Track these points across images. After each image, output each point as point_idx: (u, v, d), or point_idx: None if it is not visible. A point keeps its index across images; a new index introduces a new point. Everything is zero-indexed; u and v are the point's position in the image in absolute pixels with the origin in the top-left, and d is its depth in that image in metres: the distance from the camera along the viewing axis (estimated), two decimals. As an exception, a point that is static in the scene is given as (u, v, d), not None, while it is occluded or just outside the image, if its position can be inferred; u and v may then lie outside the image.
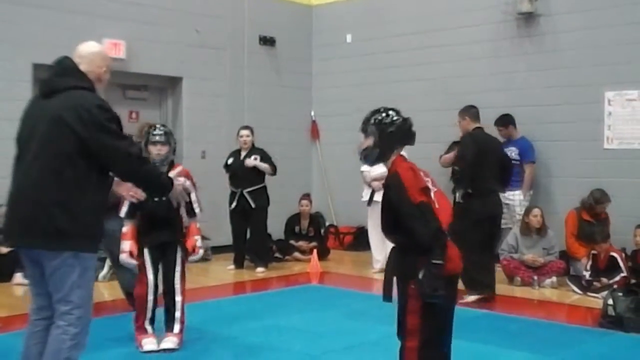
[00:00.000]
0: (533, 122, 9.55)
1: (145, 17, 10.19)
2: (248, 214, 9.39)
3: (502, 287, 8.17)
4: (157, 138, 5.55)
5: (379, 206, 4.06)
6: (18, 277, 8.30)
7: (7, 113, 8.84)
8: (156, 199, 5.31)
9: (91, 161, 3.74)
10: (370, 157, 4.08)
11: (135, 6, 10.07)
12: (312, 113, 12.11)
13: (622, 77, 8.94)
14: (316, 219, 10.83)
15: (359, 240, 11.06)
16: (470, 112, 7.89)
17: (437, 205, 3.74)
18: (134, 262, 5.60)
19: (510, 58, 9.94)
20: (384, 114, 4.08)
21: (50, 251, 3.70)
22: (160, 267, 5.70)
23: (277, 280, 9.08)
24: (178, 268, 5.68)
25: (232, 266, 9.53)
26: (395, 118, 4.07)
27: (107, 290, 8.06)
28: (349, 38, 11.82)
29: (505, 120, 9.39)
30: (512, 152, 9.28)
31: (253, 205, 9.37)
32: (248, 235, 9.66)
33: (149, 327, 5.63)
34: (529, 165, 9.30)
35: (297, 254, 10.35)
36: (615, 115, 9.03)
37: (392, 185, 3.80)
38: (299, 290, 8.37)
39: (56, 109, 3.74)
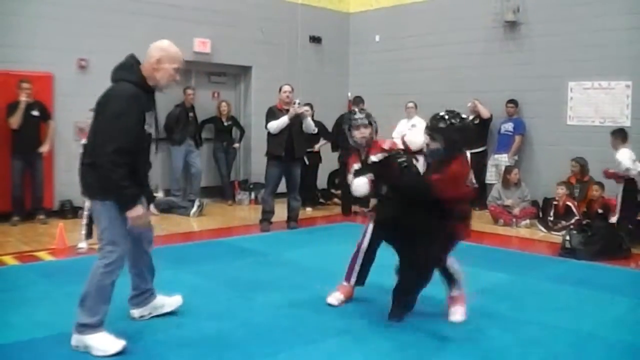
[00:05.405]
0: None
1: (225, 21, 10.33)
2: (303, 169, 9.08)
3: (488, 227, 8.26)
4: (360, 122, 4.36)
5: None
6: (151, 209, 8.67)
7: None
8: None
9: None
10: (436, 155, 3.87)
11: (218, 14, 10.22)
12: (349, 94, 11.85)
13: (581, 72, 8.96)
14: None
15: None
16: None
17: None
18: None
19: (498, 55, 9.93)
20: (449, 121, 3.75)
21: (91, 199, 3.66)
22: None
23: (321, 219, 9.12)
24: None
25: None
26: (460, 125, 3.73)
27: (195, 223, 8.34)
28: (377, 38, 11.77)
29: (515, 102, 9.54)
30: (509, 126, 9.49)
31: (307, 163, 9.23)
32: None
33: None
34: (519, 136, 9.41)
35: (336, 200, 10.40)
36: (575, 99, 9.10)
37: (445, 171, 3.82)
38: (337, 227, 8.38)
39: (101, 96, 3.59)
